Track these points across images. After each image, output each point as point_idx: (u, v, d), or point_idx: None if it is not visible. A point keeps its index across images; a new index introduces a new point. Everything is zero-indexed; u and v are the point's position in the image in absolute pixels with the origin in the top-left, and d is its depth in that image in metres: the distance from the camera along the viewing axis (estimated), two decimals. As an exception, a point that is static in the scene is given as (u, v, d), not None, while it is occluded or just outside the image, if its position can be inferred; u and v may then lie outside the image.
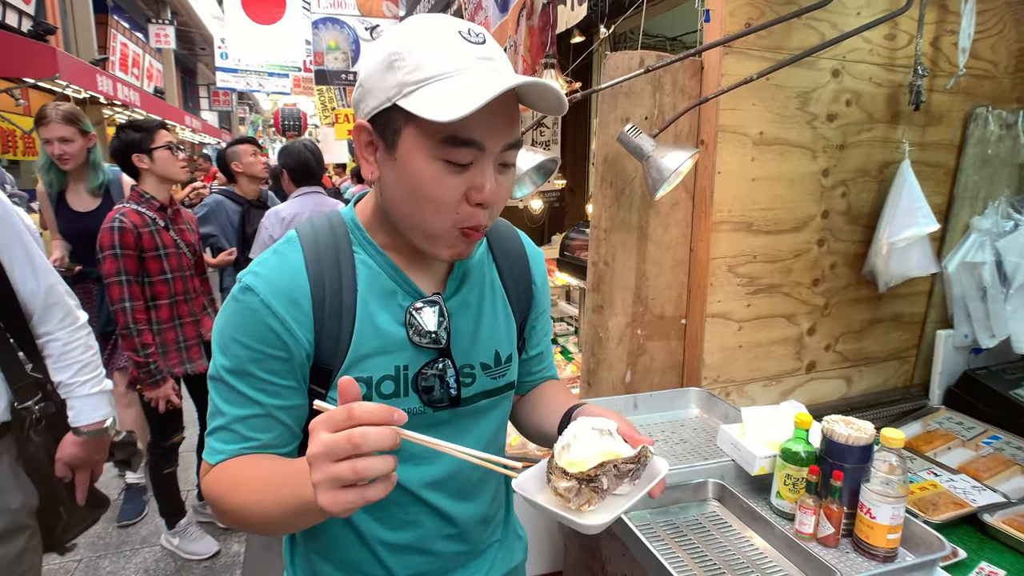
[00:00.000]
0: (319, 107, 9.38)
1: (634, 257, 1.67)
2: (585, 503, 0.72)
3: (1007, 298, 1.78)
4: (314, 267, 0.77)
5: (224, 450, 0.76)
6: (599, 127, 1.63)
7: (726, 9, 1.50)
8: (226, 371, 0.75)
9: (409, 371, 0.80)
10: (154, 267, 2.25)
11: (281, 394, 0.76)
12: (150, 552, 2.70)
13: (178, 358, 2.40)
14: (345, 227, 0.81)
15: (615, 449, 0.75)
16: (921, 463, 1.59)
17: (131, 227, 2.16)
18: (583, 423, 0.78)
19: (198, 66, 19.97)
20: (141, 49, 12.91)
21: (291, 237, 0.80)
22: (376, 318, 0.78)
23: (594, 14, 2.71)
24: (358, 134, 0.75)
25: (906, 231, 1.64)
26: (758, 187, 1.64)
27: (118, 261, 2.13)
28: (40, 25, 6.66)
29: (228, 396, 0.76)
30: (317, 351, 0.77)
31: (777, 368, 1.80)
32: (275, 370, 0.75)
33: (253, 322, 0.74)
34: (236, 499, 0.71)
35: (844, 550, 1.11)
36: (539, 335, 1.01)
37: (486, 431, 0.90)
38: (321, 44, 6.17)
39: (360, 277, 0.79)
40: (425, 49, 0.67)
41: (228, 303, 0.76)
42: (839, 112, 1.69)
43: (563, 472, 0.72)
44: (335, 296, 0.76)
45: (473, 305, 0.86)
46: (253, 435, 0.76)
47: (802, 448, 1.16)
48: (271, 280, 0.75)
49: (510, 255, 0.93)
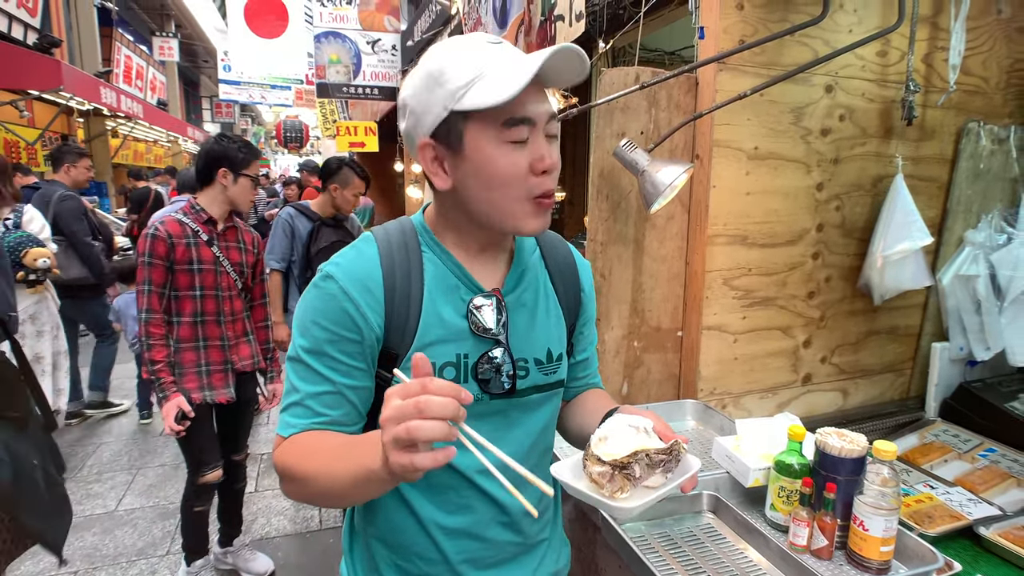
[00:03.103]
0: (321, 119, 9.45)
1: (630, 270, 1.69)
2: (618, 490, 0.77)
3: (1001, 311, 1.79)
4: (387, 261, 0.85)
5: (296, 424, 0.82)
6: (595, 142, 1.65)
7: (720, 26, 1.53)
8: (304, 351, 0.82)
9: (469, 359, 0.86)
10: (183, 281, 2.13)
11: (352, 374, 0.83)
12: (146, 564, 2.69)
13: (197, 382, 2.20)
14: (415, 229, 0.90)
15: (649, 443, 0.80)
16: (917, 476, 1.59)
17: (165, 236, 2.07)
18: (620, 419, 0.84)
19: (201, 78, 20.15)
20: (145, 61, 13.03)
21: (367, 236, 0.90)
22: (440, 309, 0.85)
23: (592, 29, 2.74)
24: (423, 153, 0.82)
25: (900, 244, 1.66)
26: (753, 201, 1.66)
27: (145, 270, 2.06)
28: (45, 38, 6.74)
29: (304, 374, 0.83)
30: (386, 336, 0.84)
31: (773, 380, 1.81)
32: (348, 351, 0.82)
33: (332, 306, 0.81)
34: (306, 467, 0.76)
35: (838, 562, 1.11)
36: (586, 341, 1.07)
37: (536, 425, 0.95)
38: (323, 57, 6.23)
39: (427, 272, 0.86)
40: (462, 60, 0.77)
41: (309, 290, 0.84)
42: (833, 127, 1.72)
43: (598, 459, 0.77)
44: (404, 287, 0.84)
45: (529, 303, 0.93)
46: (324, 411, 0.82)
47: (796, 460, 1.16)
48: (349, 269, 0.83)
49: (560, 263, 1.01)
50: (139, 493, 3.31)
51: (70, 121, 8.42)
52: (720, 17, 1.52)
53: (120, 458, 3.73)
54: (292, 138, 13.92)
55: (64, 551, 2.21)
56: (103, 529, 2.97)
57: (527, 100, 0.77)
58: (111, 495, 3.28)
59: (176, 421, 2.09)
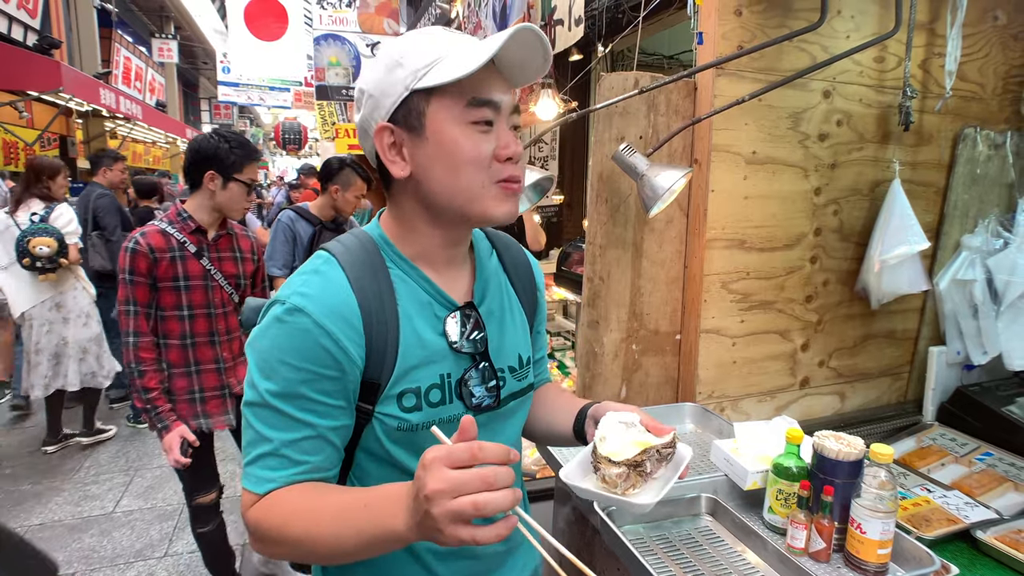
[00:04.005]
0: (320, 121, 9.46)
1: (629, 273, 1.69)
2: (631, 486, 0.79)
3: (998, 315, 1.80)
4: (357, 284, 0.78)
5: (274, 477, 0.74)
6: (594, 146, 1.66)
7: (719, 32, 1.54)
8: (272, 395, 0.74)
9: (452, 378, 0.83)
10: (168, 300, 1.91)
11: (332, 414, 0.76)
12: (144, 566, 2.68)
13: (190, 410, 2.00)
14: (375, 244, 0.83)
15: (643, 438, 0.82)
16: (914, 479, 1.60)
17: (146, 251, 1.85)
18: (611, 417, 0.85)
19: (200, 80, 20.14)
20: (144, 63, 13.03)
21: (326, 257, 0.81)
22: (419, 330, 0.81)
23: (592, 33, 2.76)
24: (380, 137, 0.78)
25: (897, 249, 1.67)
26: (751, 205, 1.67)
27: (127, 288, 1.85)
28: (45, 39, 6.74)
29: (274, 421, 0.74)
30: (367, 367, 0.77)
31: (771, 384, 1.82)
32: (327, 390, 0.75)
33: (305, 343, 0.73)
34: (300, 528, 0.69)
35: (835, 565, 1.11)
36: (542, 340, 1.07)
37: (513, 432, 0.94)
38: (323, 60, 6.24)
39: (398, 291, 0.81)
40: (423, 43, 0.76)
41: (270, 325, 0.75)
42: (830, 132, 1.73)
43: (609, 460, 0.79)
44: (379, 312, 0.78)
45: (496, 312, 0.91)
46: (303, 458, 0.75)
47: (793, 463, 1.17)
48: (321, 300, 0.75)
49: (517, 264, 0.99)
50: (137, 495, 3.31)
51: (69, 122, 8.40)
52: (718, 23, 1.53)
53: (118, 460, 3.72)
54: (291, 140, 13.92)
55: (61, 553, 2.18)
56: (100, 531, 2.96)
57: (492, 84, 0.76)
58: (108, 497, 3.28)
59: (182, 452, 1.90)
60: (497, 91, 0.77)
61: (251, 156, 1.98)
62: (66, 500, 3.25)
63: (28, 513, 3.11)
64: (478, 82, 0.74)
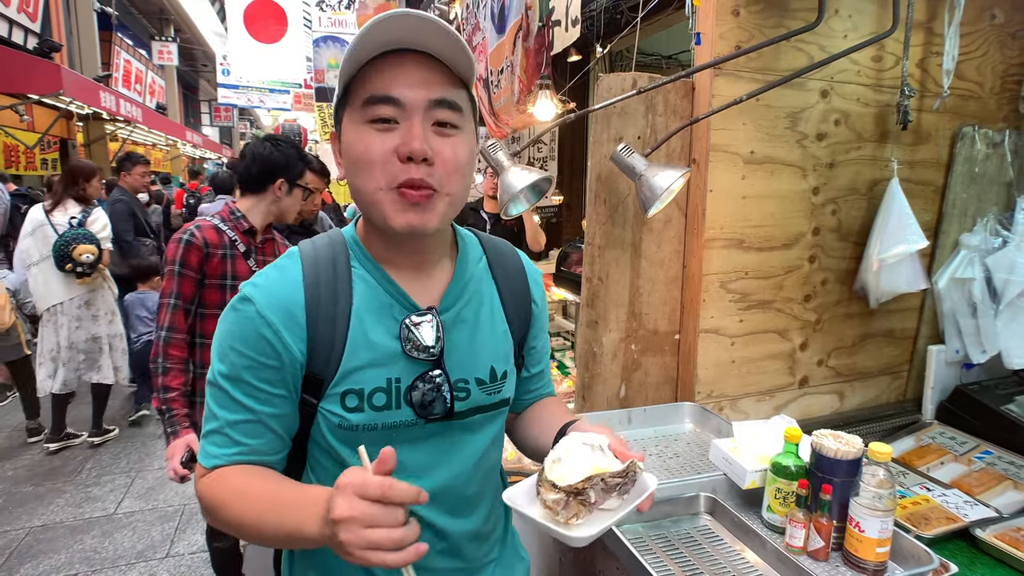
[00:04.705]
0: (319, 123, 9.47)
1: (628, 273, 1.70)
2: (573, 516, 0.73)
3: (997, 314, 1.80)
4: (311, 280, 0.80)
5: (218, 454, 0.79)
6: (592, 146, 1.66)
7: (716, 32, 1.54)
8: (222, 376, 0.78)
9: (402, 383, 0.81)
10: (212, 297, 1.87)
11: (272, 402, 0.79)
12: (145, 567, 2.69)
13: None
14: (344, 243, 0.85)
15: (605, 464, 0.76)
16: (914, 478, 1.60)
17: (201, 244, 1.81)
18: (574, 438, 0.80)
19: (200, 82, 20.18)
20: (144, 66, 13.07)
21: (293, 252, 0.85)
22: (369, 331, 0.80)
23: (590, 34, 2.76)
24: (334, 145, 0.84)
25: (896, 247, 1.67)
26: (749, 205, 1.67)
27: (174, 280, 1.80)
28: (46, 43, 6.76)
29: (222, 400, 0.79)
30: (309, 362, 0.79)
31: (770, 383, 1.82)
32: (267, 378, 0.78)
33: (249, 331, 0.77)
34: (235, 511, 0.74)
35: (834, 563, 1.11)
36: (539, 354, 1.03)
37: (479, 446, 0.90)
38: (322, 62, 6.26)
39: (356, 291, 0.81)
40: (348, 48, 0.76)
41: (228, 312, 0.80)
42: (828, 131, 1.73)
43: (552, 485, 0.73)
44: (329, 309, 0.79)
45: (470, 320, 0.87)
46: (244, 440, 0.79)
47: (792, 462, 1.17)
48: (269, 291, 0.79)
49: (510, 274, 0.95)
50: (138, 496, 3.31)
51: (69, 125, 8.42)
52: (716, 23, 1.54)
53: (119, 461, 3.73)
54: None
55: (63, 555, 2.20)
56: (102, 532, 2.97)
57: (396, 81, 0.73)
58: (110, 498, 3.29)
59: (183, 463, 1.79)
60: (403, 87, 0.73)
61: (309, 164, 2.05)
62: (68, 501, 3.25)
63: (30, 515, 3.12)
64: (375, 81, 0.73)
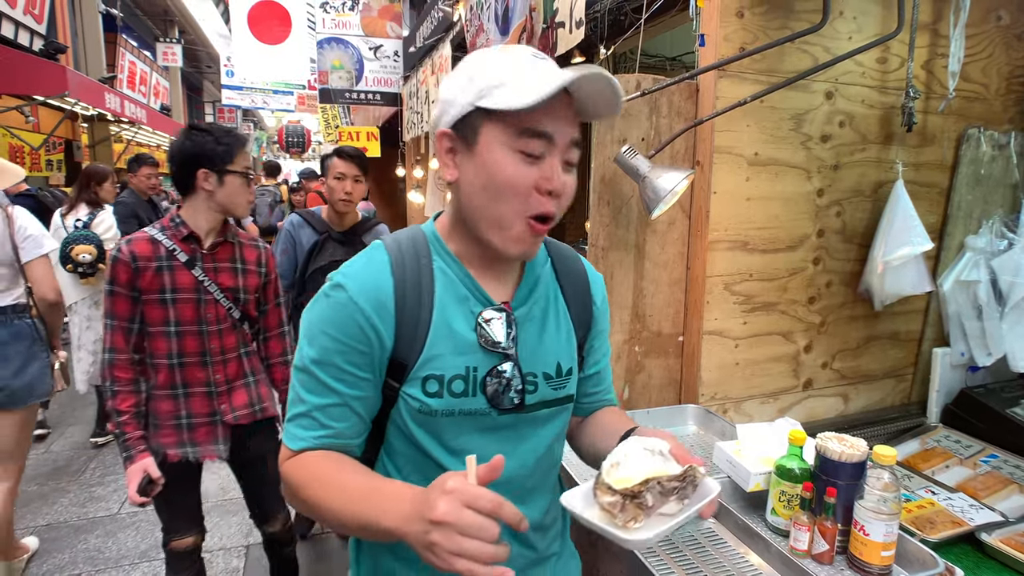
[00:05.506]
0: (323, 124, 9.48)
1: (631, 275, 1.69)
2: (631, 519, 0.73)
3: (1002, 316, 1.79)
4: (398, 270, 0.84)
5: (304, 436, 0.82)
6: (596, 148, 1.66)
7: (720, 34, 1.54)
8: (312, 361, 0.82)
9: (478, 373, 0.85)
10: (154, 315, 1.70)
11: (359, 385, 0.83)
12: (149, 567, 2.69)
13: (175, 437, 1.76)
14: (425, 238, 0.90)
15: (663, 468, 0.76)
16: (919, 481, 1.60)
17: (128, 260, 1.65)
18: (634, 442, 0.80)
19: (204, 83, 20.24)
20: (148, 67, 13.11)
21: (378, 244, 0.89)
22: (451, 321, 0.85)
23: (594, 35, 2.76)
24: (440, 142, 0.84)
25: (900, 250, 1.66)
26: (753, 207, 1.67)
27: (107, 300, 1.67)
28: (51, 44, 6.79)
29: (311, 385, 0.82)
30: (395, 347, 0.83)
31: (774, 385, 1.81)
32: (356, 362, 0.82)
33: (342, 316, 0.81)
34: (314, 494, 0.78)
35: (839, 567, 1.11)
36: (598, 354, 1.06)
37: (544, 440, 0.94)
38: (326, 63, 6.26)
39: (437, 282, 0.86)
40: (495, 63, 0.79)
41: (319, 298, 0.84)
42: (833, 133, 1.73)
43: (608, 487, 0.74)
44: (415, 297, 0.84)
45: (538, 317, 0.92)
46: (331, 423, 0.82)
47: (796, 465, 1.17)
48: (360, 279, 0.83)
49: (572, 275, 1.00)
50: (141, 497, 3.32)
51: (74, 126, 8.46)
52: (720, 24, 1.54)
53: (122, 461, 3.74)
54: (294, 143, 13.95)
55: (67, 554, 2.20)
56: (106, 532, 2.97)
57: (550, 117, 0.77)
58: (114, 498, 3.29)
59: (141, 489, 1.66)
60: (555, 123, 0.78)
61: (239, 142, 1.75)
62: (72, 501, 3.26)
63: (35, 514, 3.13)
64: (535, 113, 0.75)
